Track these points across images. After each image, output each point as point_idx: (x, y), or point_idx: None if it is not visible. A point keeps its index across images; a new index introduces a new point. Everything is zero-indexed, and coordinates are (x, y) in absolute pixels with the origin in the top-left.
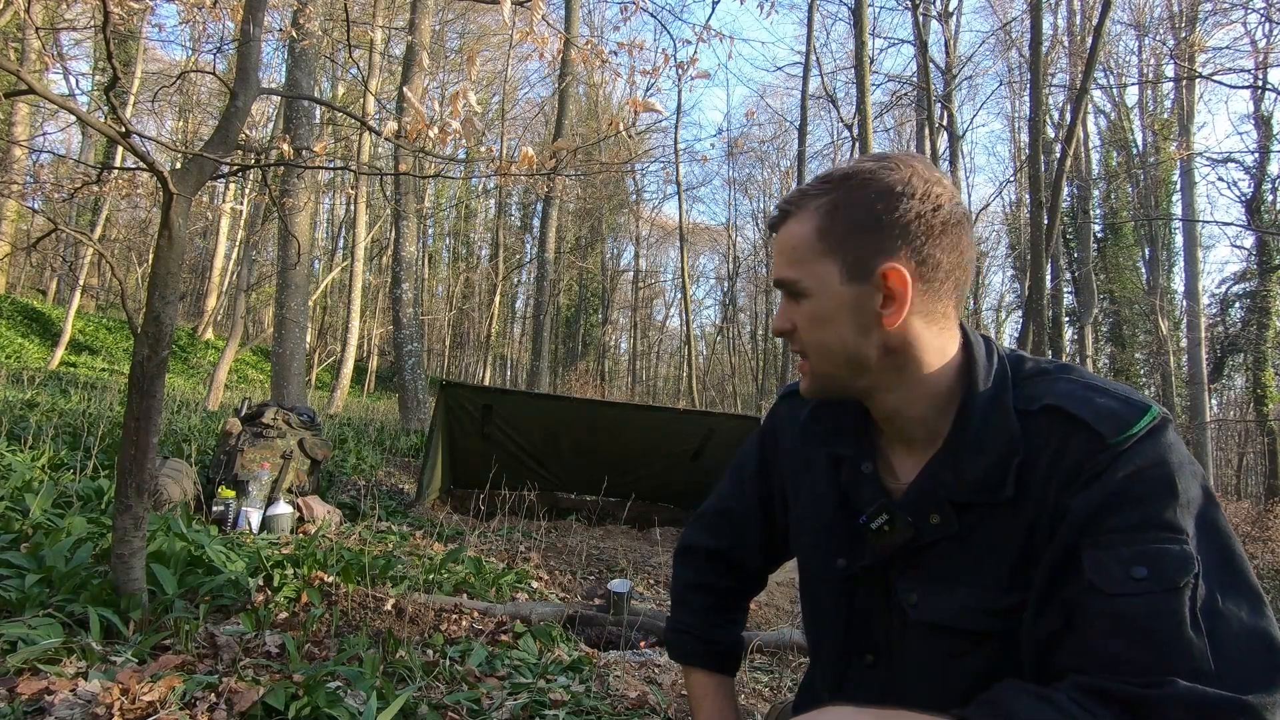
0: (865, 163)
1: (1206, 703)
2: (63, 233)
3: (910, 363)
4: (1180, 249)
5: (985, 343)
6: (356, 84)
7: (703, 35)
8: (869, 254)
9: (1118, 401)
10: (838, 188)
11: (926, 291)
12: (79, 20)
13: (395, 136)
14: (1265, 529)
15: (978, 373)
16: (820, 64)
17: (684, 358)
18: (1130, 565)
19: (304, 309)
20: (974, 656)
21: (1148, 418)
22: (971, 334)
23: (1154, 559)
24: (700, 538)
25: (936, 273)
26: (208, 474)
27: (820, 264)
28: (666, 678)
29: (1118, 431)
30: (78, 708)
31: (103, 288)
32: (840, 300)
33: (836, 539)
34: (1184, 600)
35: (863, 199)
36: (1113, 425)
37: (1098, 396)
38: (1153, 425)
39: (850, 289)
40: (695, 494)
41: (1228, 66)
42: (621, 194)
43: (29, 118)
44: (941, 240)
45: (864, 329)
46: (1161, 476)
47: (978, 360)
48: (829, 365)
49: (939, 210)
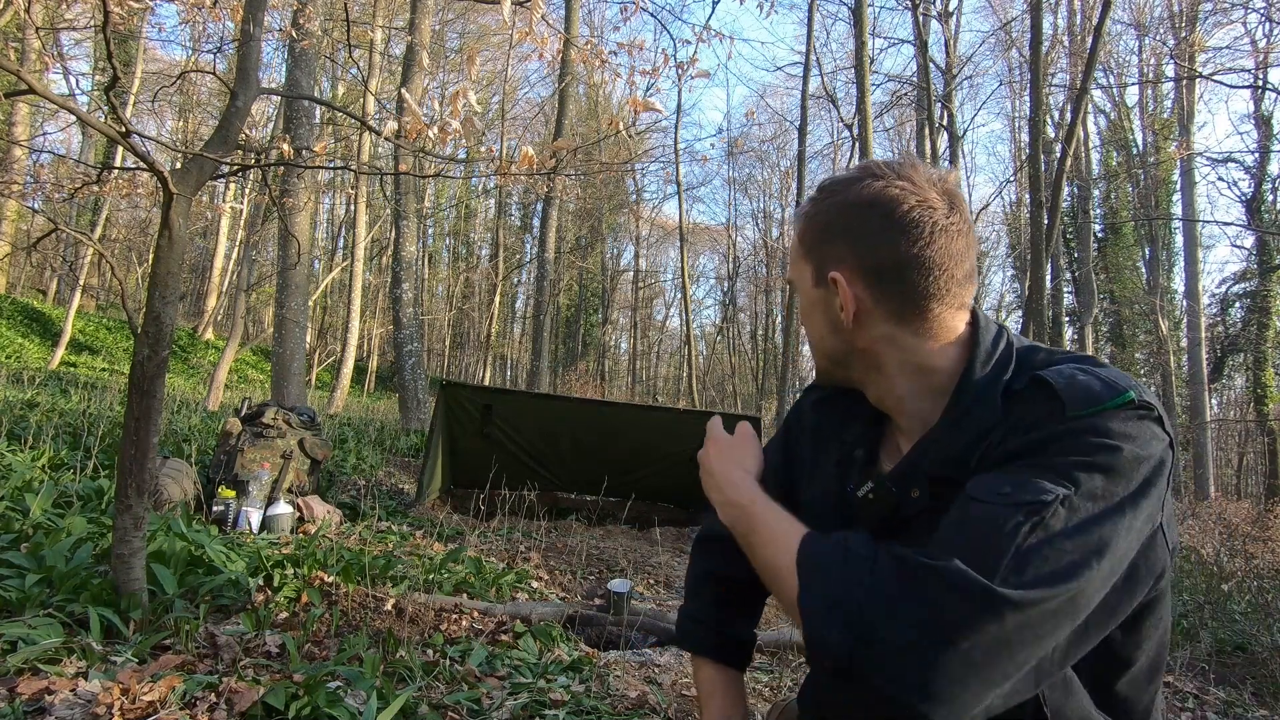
0: (846, 174)
1: (964, 581)
2: (63, 233)
3: (884, 361)
4: (1180, 249)
5: (997, 332)
6: (356, 84)
7: (703, 35)
8: (825, 261)
9: (1099, 381)
10: (818, 197)
11: (888, 295)
12: (79, 20)
13: (395, 136)
14: (1265, 529)
15: (977, 360)
16: (820, 64)
17: (684, 358)
18: (1001, 484)
19: (304, 309)
20: None
21: (1119, 400)
22: (984, 325)
23: (1021, 484)
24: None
25: (898, 277)
26: (208, 474)
27: (801, 267)
28: (666, 678)
29: (1082, 405)
30: (78, 708)
31: (103, 288)
32: (813, 301)
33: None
34: (1014, 516)
35: (827, 209)
36: (1079, 398)
37: (1082, 375)
38: (1123, 408)
39: (818, 291)
40: (695, 494)
41: (1228, 66)
42: (621, 194)
43: (29, 118)
44: (900, 247)
45: (834, 328)
46: (1093, 445)
47: (980, 348)
48: (817, 357)
49: (899, 219)
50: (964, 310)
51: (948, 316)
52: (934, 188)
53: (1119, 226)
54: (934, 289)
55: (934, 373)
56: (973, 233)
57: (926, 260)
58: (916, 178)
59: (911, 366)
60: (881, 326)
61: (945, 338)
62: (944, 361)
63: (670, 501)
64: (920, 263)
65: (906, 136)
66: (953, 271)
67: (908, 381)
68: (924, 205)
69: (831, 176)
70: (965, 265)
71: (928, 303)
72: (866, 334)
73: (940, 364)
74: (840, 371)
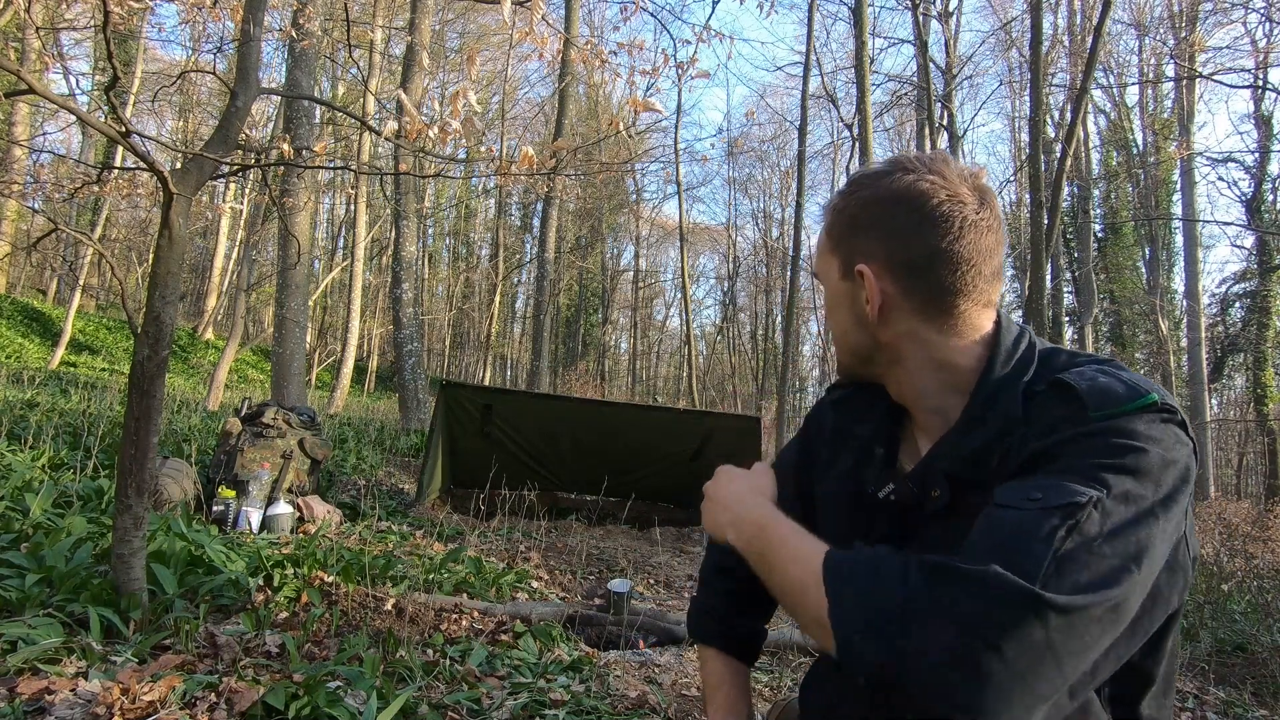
0: (878, 166)
1: (1006, 585)
2: (63, 233)
3: (907, 356)
4: (1180, 249)
5: (1019, 332)
6: (356, 84)
7: (703, 35)
8: (852, 253)
9: (1121, 384)
10: (848, 191)
11: (915, 290)
12: (79, 20)
13: (395, 136)
14: (1265, 529)
15: (998, 359)
16: (820, 64)
17: (684, 358)
18: (1030, 491)
19: (304, 309)
20: None
21: (1141, 401)
22: (1006, 324)
23: (1050, 489)
24: None
25: (927, 273)
26: (208, 474)
27: (828, 260)
28: (666, 678)
29: (1103, 406)
30: (78, 707)
31: (103, 288)
32: (839, 294)
33: (852, 519)
34: (1049, 520)
35: (856, 203)
36: (1101, 399)
37: (1104, 377)
38: (1144, 407)
39: (844, 285)
40: (695, 494)
41: (1228, 66)
42: (621, 194)
43: (29, 118)
44: (930, 242)
45: (859, 322)
46: (1119, 445)
47: (1001, 347)
48: (840, 351)
49: (929, 213)
50: (990, 309)
51: (974, 314)
52: (965, 183)
53: (1119, 226)
54: (961, 285)
55: (956, 370)
56: (1002, 230)
57: (955, 255)
58: (948, 172)
59: (934, 363)
60: (907, 321)
61: (970, 335)
62: (967, 360)
63: (670, 501)
64: (949, 258)
65: (906, 136)
66: (981, 268)
67: (930, 378)
68: (955, 200)
69: (861, 170)
70: (993, 262)
71: (954, 299)
72: (891, 329)
73: (963, 362)
74: (863, 367)
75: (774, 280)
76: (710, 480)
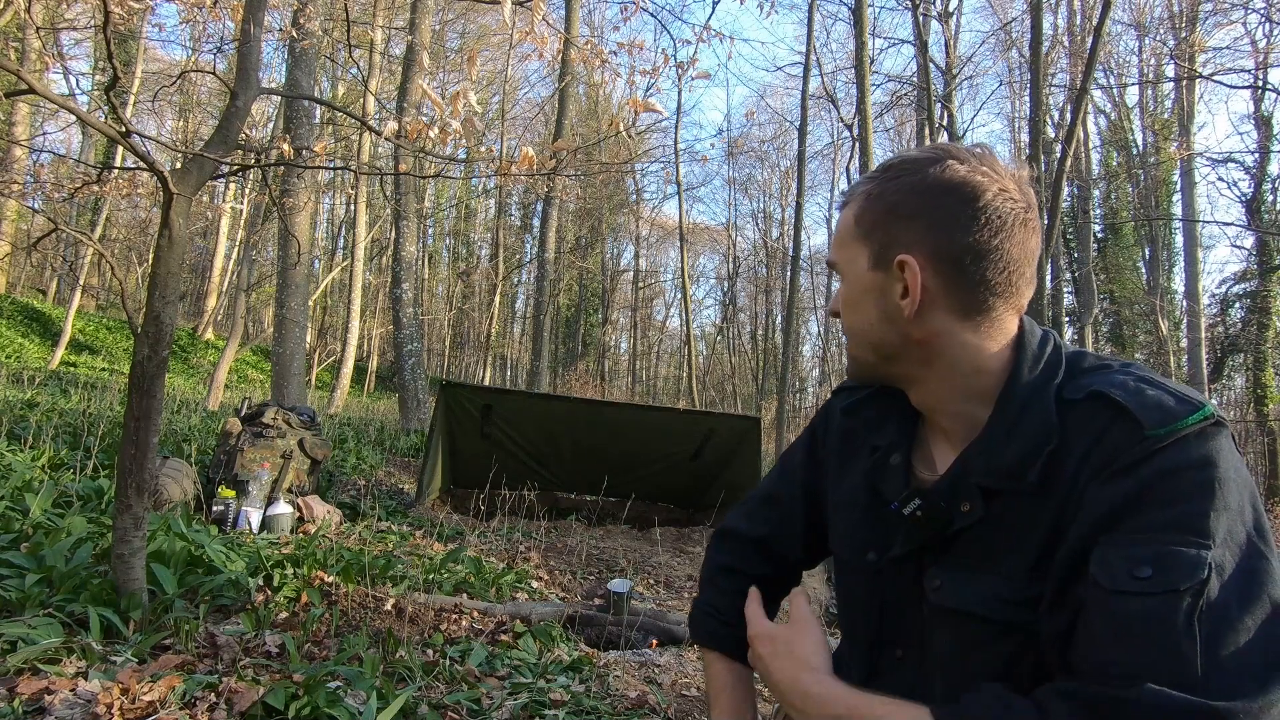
0: (917, 153)
1: (1171, 707)
2: (63, 233)
3: (939, 357)
4: (1180, 249)
5: (1043, 335)
6: (356, 84)
7: (703, 35)
8: (890, 243)
9: (1170, 395)
10: (882, 176)
11: (957, 287)
12: (79, 20)
13: (395, 136)
14: None
15: (1024, 363)
16: (820, 64)
17: (684, 358)
18: (1137, 565)
19: (304, 309)
20: (996, 648)
21: (1198, 415)
22: (1030, 328)
23: (1162, 560)
24: (740, 523)
25: (972, 269)
26: (208, 474)
27: (853, 249)
28: (666, 678)
29: (1160, 423)
30: (78, 707)
31: (103, 288)
32: (866, 285)
33: (867, 531)
34: (1182, 604)
35: (895, 189)
36: (1156, 416)
37: (1149, 388)
38: (1203, 425)
39: (875, 276)
40: (695, 494)
41: (1228, 66)
42: (621, 194)
43: (29, 118)
44: (980, 237)
45: (888, 317)
46: (1200, 480)
47: (1027, 350)
48: (860, 349)
49: (982, 207)
50: (1018, 314)
51: (1007, 317)
52: (1012, 179)
53: (1119, 227)
54: (1003, 285)
55: (984, 374)
56: (1041, 233)
57: (1004, 254)
58: (999, 168)
59: (965, 365)
60: (941, 319)
61: (1000, 339)
62: (995, 364)
63: (670, 501)
64: (998, 256)
65: (906, 137)
66: (1024, 269)
67: (959, 381)
68: (1007, 196)
69: (900, 155)
70: (1033, 265)
71: (994, 299)
72: (924, 326)
73: (992, 366)
74: (885, 365)
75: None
76: (750, 651)
